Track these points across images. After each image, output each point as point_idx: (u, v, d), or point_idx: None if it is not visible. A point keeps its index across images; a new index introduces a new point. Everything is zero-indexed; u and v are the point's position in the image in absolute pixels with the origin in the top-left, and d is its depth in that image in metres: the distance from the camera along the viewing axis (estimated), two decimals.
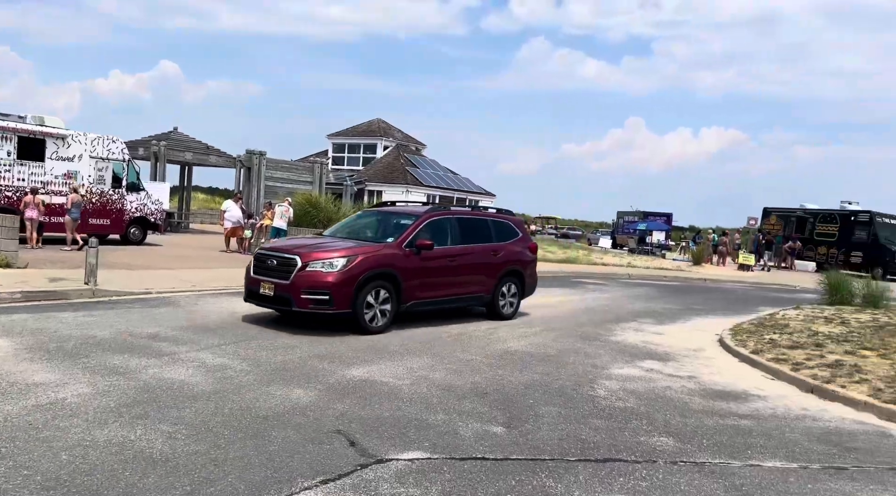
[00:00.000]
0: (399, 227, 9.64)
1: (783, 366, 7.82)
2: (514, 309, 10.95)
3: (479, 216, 11.18)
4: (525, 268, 11.16)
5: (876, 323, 11.99)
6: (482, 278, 10.31)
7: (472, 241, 10.30)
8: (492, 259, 10.44)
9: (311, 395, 5.82)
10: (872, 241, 30.07)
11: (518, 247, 11.06)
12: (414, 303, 9.22)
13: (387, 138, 43.77)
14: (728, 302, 16.58)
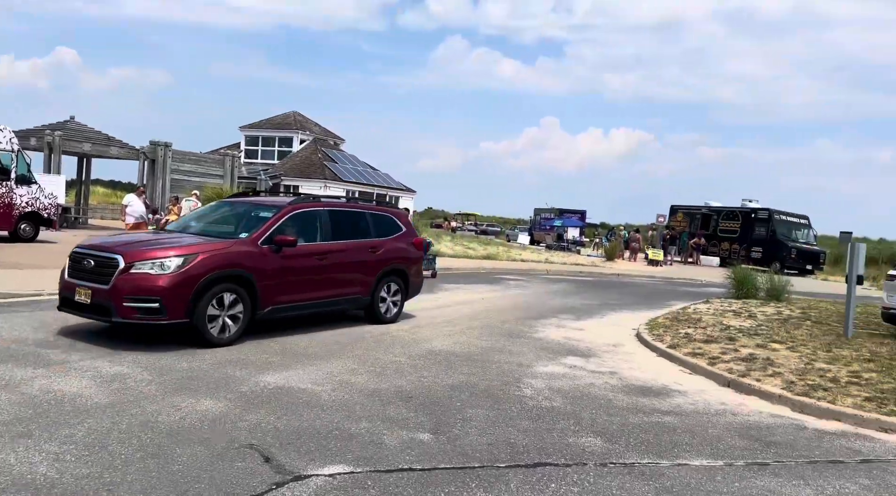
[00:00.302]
0: (257, 220, 8.41)
1: (700, 360, 7.99)
2: (397, 311, 10.05)
3: (356, 209, 10.13)
4: (409, 266, 10.27)
5: (780, 316, 12.60)
6: (358, 278, 9.31)
7: (347, 236, 9.25)
8: (370, 256, 9.45)
9: (221, 406, 5.37)
10: (771, 237, 31.99)
11: (401, 243, 10.09)
12: (274, 308, 8.05)
13: (303, 132, 42.63)
14: (641, 296, 17.07)
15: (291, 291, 8.31)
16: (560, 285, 18.51)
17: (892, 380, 6.90)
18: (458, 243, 28.71)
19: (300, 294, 8.47)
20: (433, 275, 17.43)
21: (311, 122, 45.27)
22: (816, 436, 5.51)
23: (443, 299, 13.36)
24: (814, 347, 8.77)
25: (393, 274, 9.90)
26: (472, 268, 21.68)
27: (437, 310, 11.63)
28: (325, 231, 8.93)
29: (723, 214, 35.43)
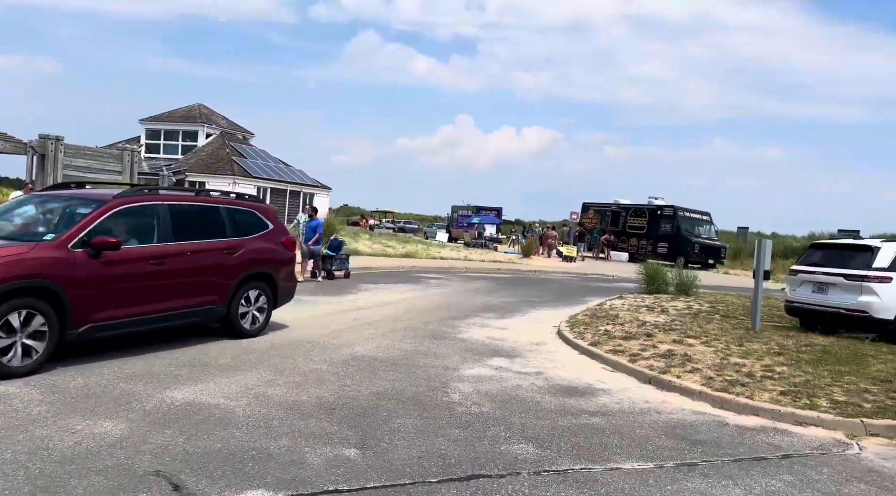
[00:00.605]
0: (71, 218, 6.99)
1: (621, 357, 8.09)
2: (262, 322, 8.72)
3: (205, 203, 8.46)
4: (278, 269, 8.95)
5: (691, 310, 13.07)
6: (211, 285, 7.94)
7: (195, 235, 7.86)
8: (226, 259, 8.10)
9: (122, 428, 4.87)
10: (676, 233, 33.46)
11: (267, 242, 8.77)
12: (92, 327, 6.66)
13: (210, 125, 40.77)
14: (559, 293, 17.34)
15: (117, 305, 6.90)
16: (480, 283, 18.53)
17: (801, 373, 7.21)
18: (376, 241, 28.31)
19: (130, 308, 7.05)
20: (346, 276, 16.92)
21: (218, 115, 43.41)
22: (738, 432, 5.63)
23: (363, 300, 13.02)
24: (726, 341, 9.09)
25: (257, 279, 8.61)
26: (392, 267, 21.39)
27: (357, 313, 11.28)
28: (164, 230, 7.51)
29: (631, 211, 36.74)
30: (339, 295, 13.67)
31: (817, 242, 11.50)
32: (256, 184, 36.58)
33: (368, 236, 29.99)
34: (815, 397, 6.25)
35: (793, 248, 41.29)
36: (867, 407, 5.99)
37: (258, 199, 10.05)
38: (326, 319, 10.42)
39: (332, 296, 13.30)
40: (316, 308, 11.61)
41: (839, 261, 10.49)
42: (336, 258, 16.88)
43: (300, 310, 11.11)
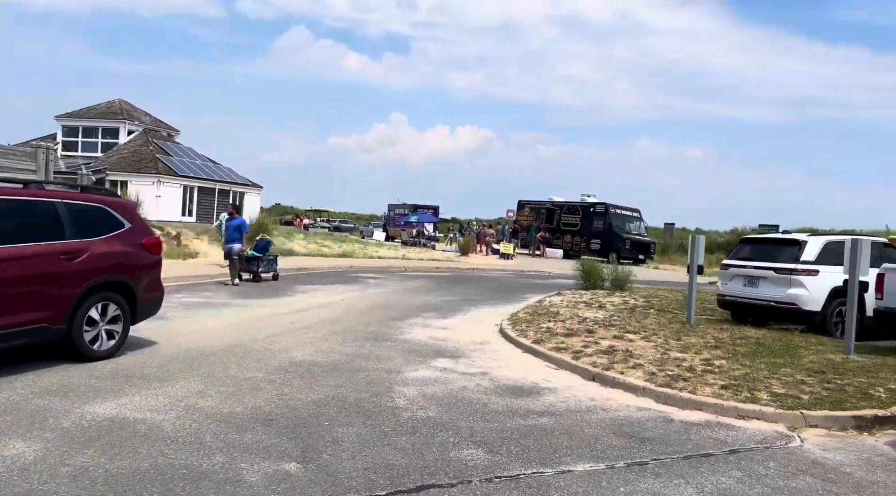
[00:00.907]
0: None
1: (564, 354, 8.05)
2: (116, 342, 7.25)
3: (36, 197, 6.82)
4: (137, 277, 7.48)
5: (627, 305, 13.27)
6: (42, 299, 6.46)
7: (20, 237, 6.45)
8: (63, 267, 6.66)
9: (37, 449, 4.42)
10: (608, 230, 34.25)
11: (122, 245, 7.34)
12: None
13: (132, 122, 38.88)
14: (498, 291, 17.34)
15: None
16: (419, 282, 18.33)
17: (740, 366, 7.34)
18: (311, 241, 27.68)
19: None
20: (275, 278, 16.32)
21: (141, 111, 41.50)
22: (684, 428, 5.63)
23: (299, 302, 12.59)
24: (665, 336, 9.21)
25: (108, 289, 7.17)
26: (329, 268, 20.92)
27: (294, 316, 10.88)
28: None
29: (565, 209, 37.38)
30: (274, 297, 13.19)
31: (747, 237, 11.88)
32: (182, 182, 35.17)
33: (303, 236, 29.30)
34: (756, 390, 6.35)
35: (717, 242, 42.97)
36: (805, 399, 6.12)
37: (110, 191, 8.53)
38: (261, 323, 9.99)
39: (266, 299, 12.81)
40: (249, 311, 11.13)
41: (768, 255, 10.84)
42: (263, 259, 16.17)
43: (232, 315, 10.63)
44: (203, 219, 35.34)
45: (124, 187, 30.89)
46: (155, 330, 8.89)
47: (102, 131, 38.28)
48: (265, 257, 16.29)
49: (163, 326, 9.26)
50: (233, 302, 12.25)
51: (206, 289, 13.96)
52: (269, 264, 16.44)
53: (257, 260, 15.94)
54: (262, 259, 16.11)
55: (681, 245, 45.19)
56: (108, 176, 33.66)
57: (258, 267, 15.91)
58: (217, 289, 13.96)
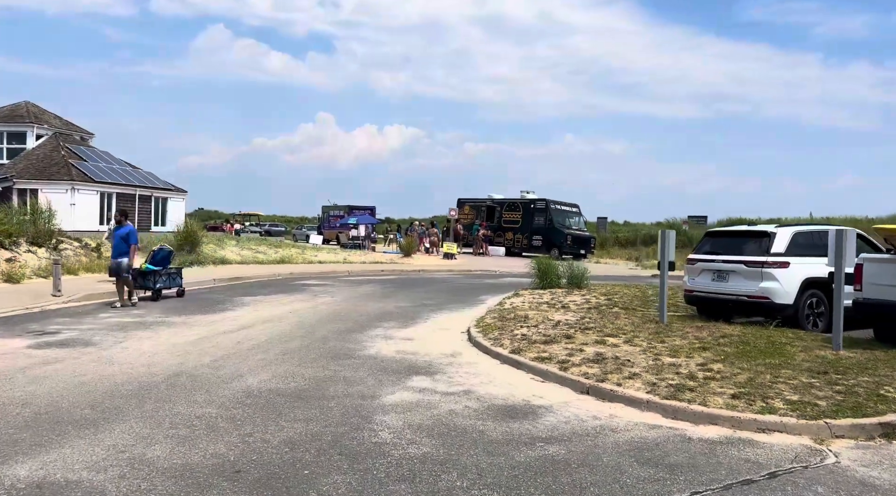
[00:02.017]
0: None
1: (549, 365, 7.43)
2: None
3: None
4: None
5: (590, 304, 12.86)
6: None
7: None
8: None
9: None
10: (549, 226, 34.14)
11: None
12: None
13: (40, 125, 36.00)
14: (452, 293, 16.66)
15: None
16: (368, 287, 17.42)
17: (739, 370, 6.91)
18: (244, 247, 26.19)
19: None
20: (179, 295, 14.14)
21: (50, 114, 38.52)
22: (708, 448, 5.09)
23: (244, 317, 11.51)
24: (647, 338, 8.75)
25: None
26: (267, 276, 19.69)
27: (238, 334, 9.84)
28: None
29: (505, 206, 37.09)
30: (213, 312, 12.05)
31: (713, 230, 11.63)
32: (99, 189, 32.81)
33: (235, 242, 27.71)
34: (769, 398, 5.89)
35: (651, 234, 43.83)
36: (822, 405, 5.70)
37: None
38: (204, 344, 8.93)
39: (205, 315, 11.66)
40: (188, 330, 10.01)
41: (736, 248, 10.59)
42: (161, 273, 13.80)
43: (170, 335, 9.50)
44: None
45: (34, 196, 28.38)
46: (80, 359, 7.72)
47: (7, 136, 35.27)
48: (165, 270, 14.02)
49: (90, 353, 8.09)
50: (168, 319, 11.05)
51: (137, 305, 12.64)
52: (172, 278, 14.14)
53: (154, 274, 13.58)
54: (161, 273, 13.79)
55: (616, 239, 45.90)
56: (15, 184, 31.00)
57: (155, 282, 13.60)
58: (149, 306, 12.66)
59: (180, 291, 14.27)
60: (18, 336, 9.18)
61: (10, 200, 27.67)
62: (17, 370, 7.19)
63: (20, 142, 35.12)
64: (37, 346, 8.51)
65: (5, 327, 9.86)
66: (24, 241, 16.88)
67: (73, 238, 19.60)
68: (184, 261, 20.39)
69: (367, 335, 9.99)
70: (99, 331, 9.70)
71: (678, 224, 43.25)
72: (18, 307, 11.62)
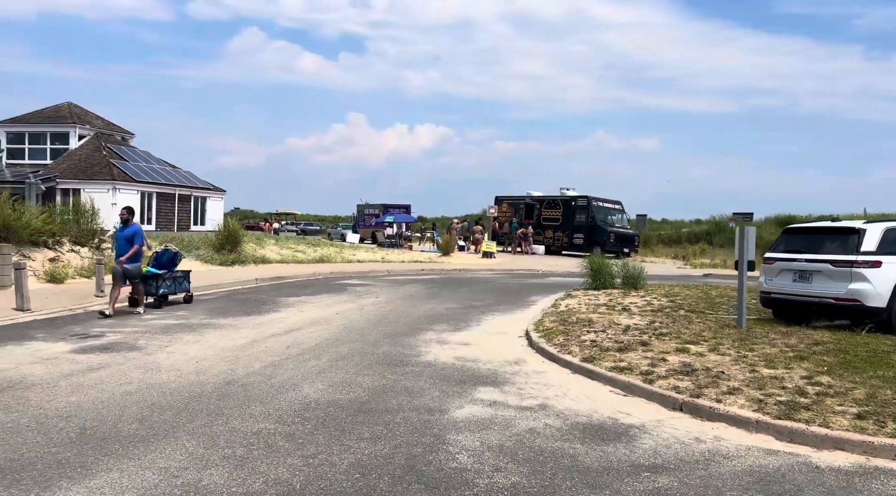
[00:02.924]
0: None
1: (630, 376, 6.73)
2: None
3: None
4: None
5: (653, 306, 12.10)
6: None
7: None
8: None
9: None
10: (591, 223, 33.20)
11: None
12: None
13: (83, 126, 36.30)
14: (499, 293, 16.01)
15: None
16: (411, 287, 16.86)
17: (851, 384, 6.13)
18: (284, 246, 25.90)
19: None
20: (187, 300, 12.81)
21: (92, 115, 38.87)
22: (845, 480, 4.36)
23: (290, 319, 11.03)
24: (734, 346, 7.97)
25: None
26: (308, 275, 19.29)
27: (287, 337, 9.34)
28: None
29: (545, 203, 36.23)
30: (259, 314, 11.60)
31: (792, 227, 10.76)
32: (140, 188, 32.90)
33: (274, 241, 27.45)
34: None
35: (695, 232, 42.53)
36: None
37: None
38: (253, 349, 8.44)
39: (250, 317, 11.21)
40: (236, 334, 9.55)
41: (819, 246, 9.72)
42: (165, 278, 12.41)
43: (216, 339, 9.04)
44: (164, 226, 33.18)
45: (77, 195, 28.55)
46: (125, 365, 7.28)
47: (51, 137, 35.66)
48: (170, 273, 12.63)
49: (136, 359, 7.66)
50: (213, 321, 10.63)
51: (180, 305, 12.28)
52: (177, 282, 12.76)
53: (157, 278, 12.18)
54: (165, 277, 12.41)
55: (659, 236, 44.66)
56: (58, 184, 31.27)
57: (159, 287, 12.21)
58: (192, 307, 12.28)
59: (188, 297, 12.94)
60: (62, 339, 8.83)
61: (53, 200, 27.88)
62: (60, 377, 6.78)
63: (63, 142, 35.47)
64: (80, 351, 8.12)
65: (48, 330, 9.53)
66: (67, 240, 16.73)
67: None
68: (225, 259, 20.14)
69: (420, 339, 9.41)
70: (143, 335, 9.30)
71: (724, 221, 41.79)
72: (61, 308, 11.34)
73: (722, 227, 40.52)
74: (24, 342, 8.55)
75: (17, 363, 7.34)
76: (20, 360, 7.47)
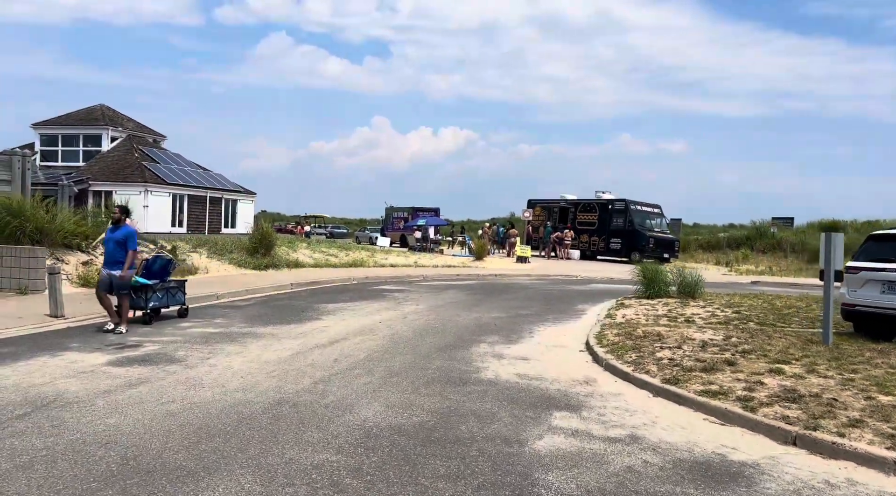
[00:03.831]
0: None
1: (726, 402, 6.01)
2: None
3: None
4: None
5: (717, 318, 11.35)
6: None
7: None
8: None
9: None
10: (629, 228, 32.26)
11: None
12: None
13: (115, 128, 36.35)
14: (544, 302, 15.30)
15: None
16: (451, 294, 16.23)
17: None
18: (316, 250, 25.46)
19: None
20: (182, 314, 11.07)
21: (124, 117, 38.95)
22: None
23: (332, 328, 10.46)
24: (829, 366, 7.20)
25: None
26: (342, 280, 18.77)
27: (333, 349, 8.77)
28: None
29: (580, 207, 35.36)
30: (299, 322, 11.06)
31: (879, 233, 9.90)
32: (171, 191, 32.76)
33: (306, 244, 27.05)
34: None
35: (734, 237, 41.24)
36: None
37: None
38: (299, 362, 7.88)
39: (291, 325, 10.67)
40: (279, 344, 9.00)
41: None
42: (156, 288, 10.65)
43: (259, 350, 8.50)
44: (195, 229, 33.02)
45: (109, 197, 28.49)
46: (166, 380, 6.75)
47: (84, 139, 35.74)
48: (162, 284, 10.85)
49: (176, 373, 7.13)
50: (254, 330, 10.11)
51: (217, 312, 11.80)
52: (170, 294, 10.93)
53: (146, 289, 10.42)
54: (155, 288, 10.63)
55: (697, 241, 43.47)
56: (91, 186, 31.27)
57: (148, 300, 10.46)
58: (230, 314, 11.80)
59: (182, 310, 11.16)
60: (97, 349, 8.35)
61: (85, 202, 27.82)
62: (97, 394, 6.26)
63: (95, 144, 35.54)
64: (118, 363, 7.62)
65: (83, 338, 9.08)
66: (100, 243, 16.41)
67: (148, 240, 19.17)
68: (259, 263, 19.72)
69: (474, 353, 8.77)
70: (182, 345, 8.80)
71: (765, 226, 40.56)
72: (95, 314, 10.90)
73: (763, 231, 39.27)
74: (59, 352, 8.09)
75: (52, 377, 6.85)
76: (55, 374, 6.98)
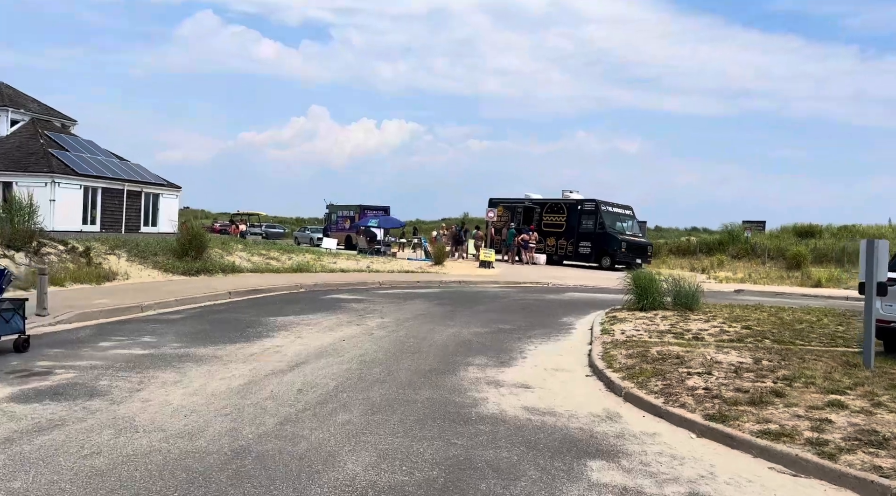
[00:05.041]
0: None
1: (793, 446, 5.35)
2: None
3: None
4: None
5: (727, 333, 10.89)
6: None
7: None
8: None
9: None
10: (600, 231, 31.97)
11: None
12: None
13: (16, 110, 33.92)
14: (522, 313, 14.61)
15: None
16: (416, 304, 15.33)
17: None
18: (254, 253, 24.12)
19: None
20: (19, 347, 8.46)
21: (27, 97, 36.47)
22: None
23: (289, 348, 9.44)
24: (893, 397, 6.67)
25: None
26: (288, 288, 17.64)
27: (294, 376, 7.79)
28: None
29: (546, 207, 34.90)
30: (247, 340, 9.98)
31: None
32: (83, 183, 30.69)
33: (242, 246, 25.63)
34: None
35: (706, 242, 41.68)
36: None
37: None
38: (254, 395, 6.87)
39: (237, 345, 9.58)
40: (223, 371, 7.93)
41: None
42: None
43: (202, 378, 7.43)
44: (110, 227, 31.03)
45: (9, 189, 26.38)
46: (87, 422, 5.64)
47: None
48: None
49: (101, 411, 6.03)
50: (192, 351, 9.00)
51: (143, 328, 10.58)
52: (2, 320, 8.37)
53: None
54: None
55: (667, 245, 43.79)
56: None
57: None
58: (159, 331, 10.60)
59: (20, 342, 8.57)
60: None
61: None
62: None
63: None
64: (22, 398, 6.45)
65: None
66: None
67: (58, 240, 17.57)
68: (189, 268, 18.37)
69: (464, 379, 7.94)
70: (105, 372, 7.64)
71: (738, 230, 41.14)
72: None
73: (735, 236, 39.78)
74: None
75: None
76: None
